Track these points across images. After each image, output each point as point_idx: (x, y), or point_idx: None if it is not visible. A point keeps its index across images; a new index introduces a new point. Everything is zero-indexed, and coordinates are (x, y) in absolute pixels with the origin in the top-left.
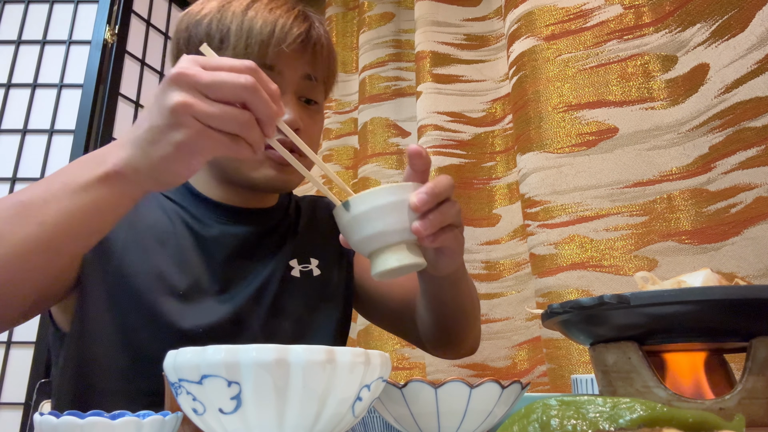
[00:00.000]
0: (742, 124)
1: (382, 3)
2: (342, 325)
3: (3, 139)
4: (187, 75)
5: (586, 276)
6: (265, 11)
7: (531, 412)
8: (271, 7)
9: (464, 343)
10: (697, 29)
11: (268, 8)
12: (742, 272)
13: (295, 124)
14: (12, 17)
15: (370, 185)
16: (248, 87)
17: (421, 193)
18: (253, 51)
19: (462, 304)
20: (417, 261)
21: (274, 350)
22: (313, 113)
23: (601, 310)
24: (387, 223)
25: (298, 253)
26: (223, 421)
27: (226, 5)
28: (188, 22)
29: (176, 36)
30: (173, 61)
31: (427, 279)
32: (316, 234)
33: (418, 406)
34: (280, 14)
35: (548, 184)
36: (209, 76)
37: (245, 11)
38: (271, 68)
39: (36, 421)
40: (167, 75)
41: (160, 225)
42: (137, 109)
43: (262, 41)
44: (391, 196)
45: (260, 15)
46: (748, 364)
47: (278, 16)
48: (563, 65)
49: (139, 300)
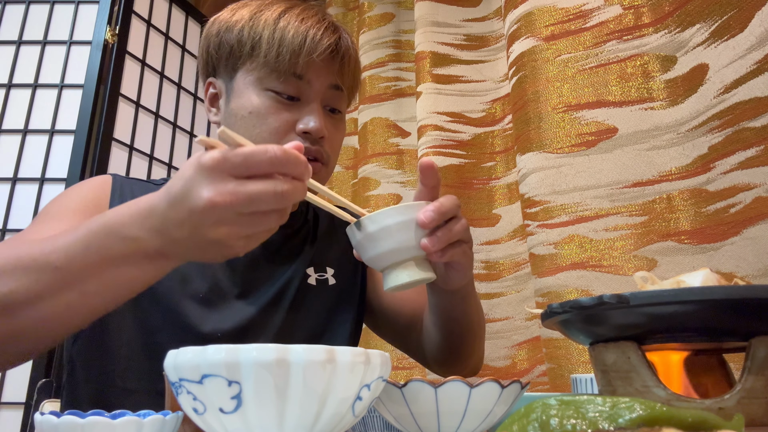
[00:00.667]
0: (741, 124)
1: (382, 3)
2: (355, 333)
3: (4, 139)
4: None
5: (585, 276)
6: (297, 21)
7: (531, 411)
8: (302, 17)
9: (469, 361)
10: (696, 29)
11: (300, 18)
12: (742, 272)
13: (320, 132)
14: (13, 18)
15: (370, 185)
16: (280, 197)
17: (428, 210)
18: (284, 60)
19: (470, 320)
20: (426, 275)
21: (274, 350)
22: (336, 122)
23: (600, 309)
24: (397, 241)
25: (315, 261)
26: (224, 420)
27: (257, 14)
28: (219, 27)
29: (206, 40)
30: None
31: (438, 294)
32: (334, 243)
33: (418, 405)
34: (311, 25)
35: (548, 184)
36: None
37: (277, 20)
38: (300, 77)
39: (37, 420)
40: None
41: None
42: (138, 109)
43: (293, 51)
44: (400, 216)
45: (292, 25)
46: (748, 364)
47: (309, 27)
48: (563, 65)
49: (160, 302)
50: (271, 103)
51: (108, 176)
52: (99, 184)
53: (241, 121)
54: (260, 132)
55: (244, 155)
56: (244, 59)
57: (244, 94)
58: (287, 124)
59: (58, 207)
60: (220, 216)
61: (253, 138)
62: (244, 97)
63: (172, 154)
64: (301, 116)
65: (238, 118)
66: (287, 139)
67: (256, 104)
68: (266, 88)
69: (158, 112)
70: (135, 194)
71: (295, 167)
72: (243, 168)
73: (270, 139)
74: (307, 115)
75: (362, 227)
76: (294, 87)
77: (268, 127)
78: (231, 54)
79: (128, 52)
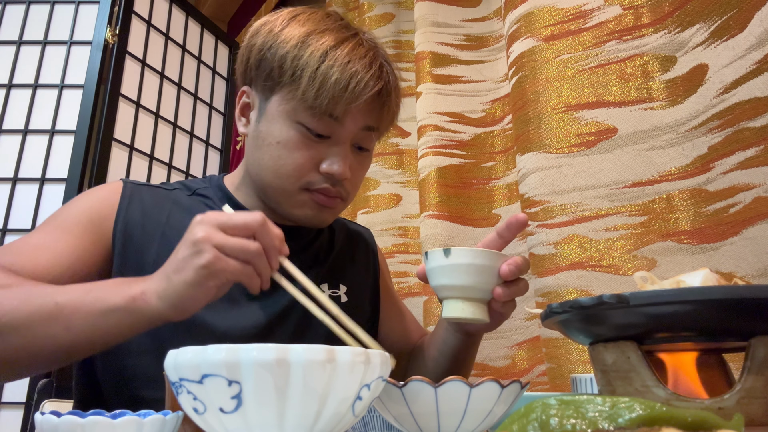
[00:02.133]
0: (740, 124)
1: (382, 4)
2: None
3: (4, 139)
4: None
5: (585, 276)
6: (343, 63)
7: (530, 411)
8: (350, 58)
9: None
10: (696, 30)
11: (347, 59)
12: (741, 272)
13: (343, 176)
14: (13, 18)
15: (370, 185)
16: (250, 254)
17: (511, 264)
18: (322, 103)
19: (470, 363)
20: (485, 318)
21: (274, 350)
22: (362, 159)
23: (600, 309)
24: (477, 281)
25: (329, 278)
26: (224, 420)
27: (306, 40)
28: (264, 42)
29: (248, 49)
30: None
31: (459, 335)
32: (348, 261)
33: (418, 405)
34: (357, 69)
35: (547, 185)
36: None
37: (323, 57)
38: (336, 119)
39: (37, 420)
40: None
41: None
42: (138, 109)
43: (333, 96)
44: (488, 260)
45: (337, 66)
46: (747, 364)
47: (355, 72)
48: (562, 66)
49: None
50: (300, 138)
51: (119, 183)
52: (108, 194)
53: (268, 147)
54: (284, 164)
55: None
56: (283, 86)
57: (276, 120)
58: (312, 162)
59: (65, 216)
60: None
61: (276, 169)
62: (275, 125)
63: (172, 154)
64: (327, 155)
65: (265, 144)
66: (309, 177)
67: (285, 136)
68: (298, 121)
69: (158, 112)
70: (145, 201)
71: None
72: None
73: (293, 173)
74: (334, 157)
75: (450, 255)
76: (326, 126)
77: (293, 162)
78: (270, 75)
79: (128, 52)
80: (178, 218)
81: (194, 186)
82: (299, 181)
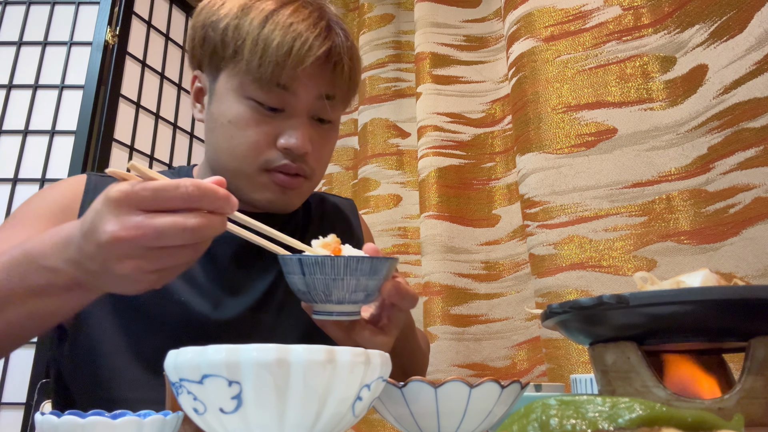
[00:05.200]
0: (740, 124)
1: (382, 4)
2: None
3: (4, 140)
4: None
5: (585, 276)
6: (285, 26)
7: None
8: (292, 20)
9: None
10: (695, 30)
11: (289, 21)
12: (741, 272)
13: (302, 150)
14: (13, 18)
15: (370, 186)
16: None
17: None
18: (267, 71)
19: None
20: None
21: (274, 350)
22: (325, 132)
23: (600, 310)
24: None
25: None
26: (224, 420)
27: (245, 10)
28: (205, 19)
29: (192, 30)
30: (189, 57)
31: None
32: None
33: (418, 405)
34: (301, 30)
35: (547, 185)
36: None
37: (263, 23)
38: (285, 88)
39: (37, 420)
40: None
41: None
42: (138, 110)
43: (277, 62)
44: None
45: (278, 30)
46: (747, 364)
47: (298, 33)
48: (562, 66)
49: (139, 309)
50: (252, 113)
51: (83, 176)
52: (71, 186)
53: (221, 128)
54: (238, 144)
55: (154, 189)
56: (227, 61)
57: (225, 99)
58: (267, 138)
59: (26, 211)
60: (125, 251)
61: (231, 150)
62: (225, 103)
63: (172, 154)
64: (283, 130)
65: (218, 125)
66: (267, 154)
67: (235, 113)
68: (248, 96)
69: (158, 112)
70: None
71: (212, 202)
72: (151, 202)
73: (248, 152)
74: (290, 130)
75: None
76: (278, 98)
77: (246, 140)
78: (214, 53)
79: (128, 52)
80: None
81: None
82: (256, 160)
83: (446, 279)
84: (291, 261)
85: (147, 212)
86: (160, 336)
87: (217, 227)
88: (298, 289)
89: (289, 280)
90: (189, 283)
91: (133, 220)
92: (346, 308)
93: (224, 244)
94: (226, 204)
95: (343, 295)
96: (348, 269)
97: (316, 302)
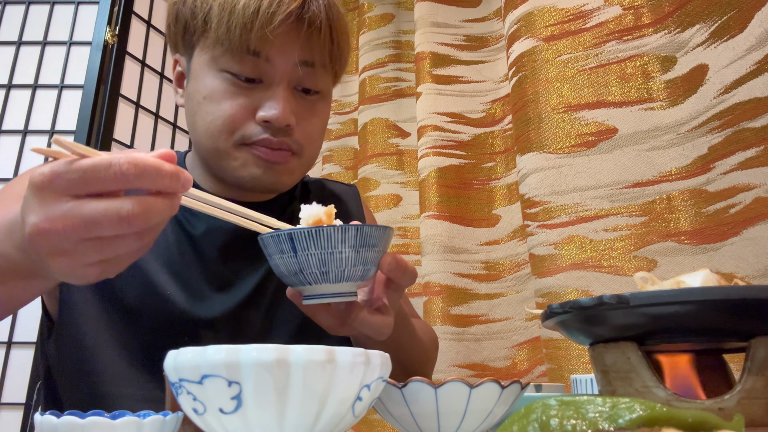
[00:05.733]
0: (741, 124)
1: (382, 4)
2: None
3: (4, 139)
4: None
5: (585, 276)
6: None
7: (531, 411)
8: None
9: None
10: (696, 30)
11: None
12: (741, 272)
13: (282, 121)
14: (13, 18)
15: (370, 186)
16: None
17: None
18: (235, 36)
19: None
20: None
21: (274, 350)
22: (312, 104)
23: (600, 310)
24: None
25: None
26: (224, 421)
27: None
28: None
29: (167, 11)
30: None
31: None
32: None
33: (418, 406)
34: None
35: (548, 185)
36: (83, 226)
37: None
38: (256, 54)
39: (37, 421)
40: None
41: None
42: (137, 109)
43: (244, 24)
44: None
45: None
46: (747, 364)
47: None
48: (563, 66)
49: (123, 303)
50: (227, 86)
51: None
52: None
53: (197, 107)
54: (213, 120)
55: (83, 170)
56: (198, 35)
57: (199, 75)
58: (245, 111)
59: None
60: (54, 244)
61: (207, 127)
62: (200, 80)
63: None
64: (262, 102)
65: (195, 104)
66: (244, 129)
67: (210, 88)
68: (222, 69)
69: (158, 112)
70: None
71: (154, 181)
72: (81, 185)
73: (223, 127)
74: (269, 101)
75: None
76: (252, 67)
77: (222, 114)
78: (186, 29)
79: (128, 52)
80: None
81: None
82: (233, 135)
83: (446, 279)
84: (279, 238)
85: (77, 197)
86: (145, 331)
87: (161, 211)
88: (289, 270)
89: (277, 262)
90: (175, 278)
91: (59, 208)
92: (343, 287)
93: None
94: (172, 182)
95: (341, 270)
96: (346, 240)
97: (309, 283)
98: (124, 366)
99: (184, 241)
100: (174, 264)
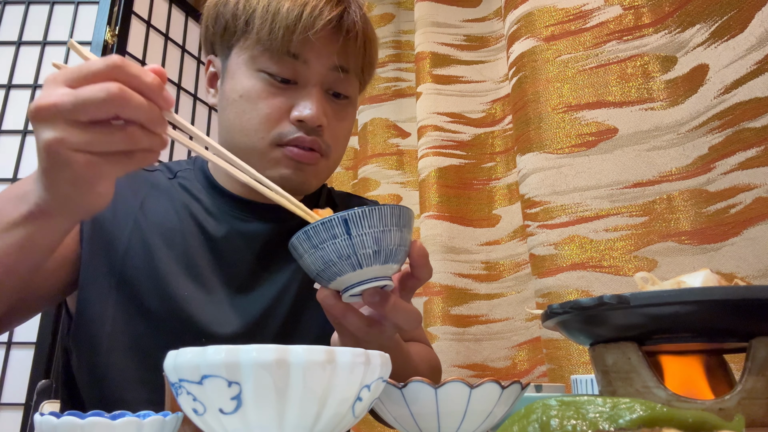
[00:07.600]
0: (741, 124)
1: (382, 4)
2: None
3: (3, 140)
4: (48, 107)
5: (585, 276)
6: None
7: (531, 412)
8: None
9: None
10: (696, 30)
11: None
12: (742, 272)
13: (316, 121)
14: (12, 18)
15: (370, 186)
16: (112, 99)
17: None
18: (277, 37)
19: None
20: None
21: (274, 350)
22: (341, 108)
23: (600, 310)
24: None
25: None
26: (224, 421)
27: None
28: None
29: (205, 13)
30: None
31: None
32: None
33: (418, 406)
34: None
35: (548, 185)
36: (71, 100)
37: None
38: (295, 57)
39: (36, 421)
40: (31, 107)
41: (167, 222)
42: None
43: (287, 27)
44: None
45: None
46: (748, 365)
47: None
48: (563, 66)
49: (141, 305)
50: (263, 86)
51: None
52: None
53: (232, 105)
54: (250, 118)
55: (80, 65)
56: (239, 36)
57: (236, 74)
58: (280, 111)
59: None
60: (46, 118)
61: (241, 125)
62: (236, 79)
63: (172, 154)
64: (296, 102)
65: (230, 102)
66: (279, 128)
67: (247, 87)
68: (259, 69)
69: None
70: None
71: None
72: (78, 76)
73: (259, 127)
74: (303, 101)
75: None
76: (289, 68)
77: (258, 114)
78: (226, 29)
79: (128, 52)
80: (153, 204)
81: (176, 168)
82: (268, 134)
83: (446, 279)
84: (332, 222)
85: (73, 87)
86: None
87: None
88: (340, 255)
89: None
90: (194, 281)
91: (57, 91)
92: (389, 270)
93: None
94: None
95: (391, 250)
96: (393, 218)
97: (360, 267)
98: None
99: (204, 244)
100: (193, 267)
